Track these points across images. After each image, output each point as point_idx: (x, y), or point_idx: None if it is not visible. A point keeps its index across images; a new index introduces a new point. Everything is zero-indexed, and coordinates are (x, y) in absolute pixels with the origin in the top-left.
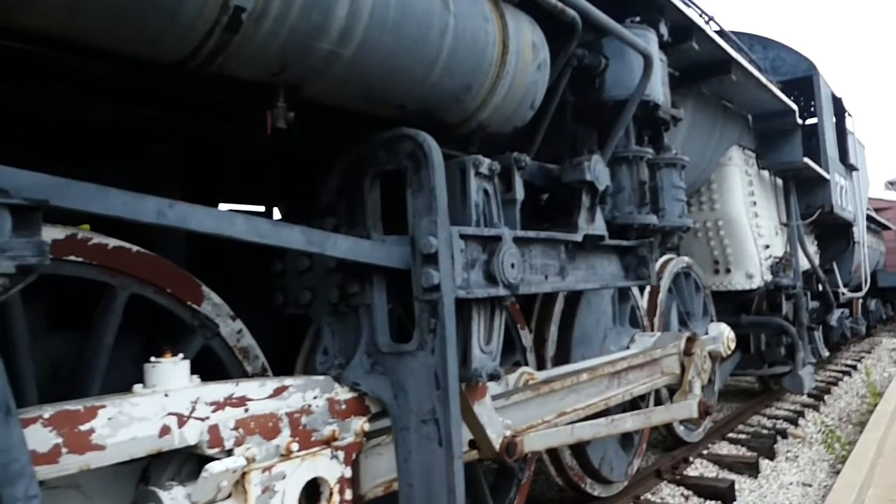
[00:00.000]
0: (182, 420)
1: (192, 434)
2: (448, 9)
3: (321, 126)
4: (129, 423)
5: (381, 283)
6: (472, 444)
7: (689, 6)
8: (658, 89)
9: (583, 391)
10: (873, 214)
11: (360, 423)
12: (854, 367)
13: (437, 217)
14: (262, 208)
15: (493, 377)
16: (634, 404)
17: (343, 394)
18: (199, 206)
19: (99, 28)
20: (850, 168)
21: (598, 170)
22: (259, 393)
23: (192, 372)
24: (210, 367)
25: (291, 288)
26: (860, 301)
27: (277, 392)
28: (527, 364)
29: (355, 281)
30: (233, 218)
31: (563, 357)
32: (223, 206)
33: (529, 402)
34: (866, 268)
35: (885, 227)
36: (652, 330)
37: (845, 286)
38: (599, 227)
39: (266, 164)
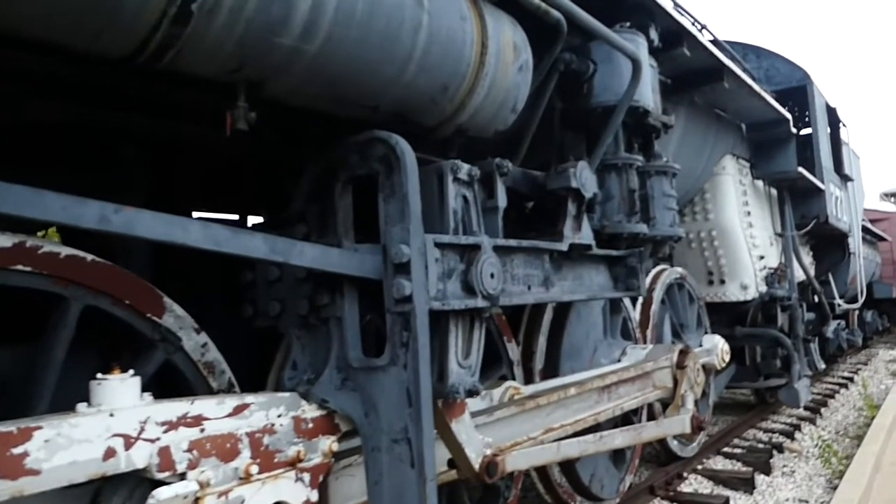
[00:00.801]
0: (129, 442)
1: (140, 457)
2: (421, 5)
3: (292, 129)
4: (69, 445)
5: (352, 294)
6: (451, 464)
7: (681, 13)
8: (648, 95)
9: (571, 406)
10: (869, 225)
11: (328, 443)
12: (851, 380)
13: (410, 224)
14: (236, 217)
15: (472, 393)
16: (627, 419)
17: (310, 412)
18: (148, 211)
19: (35, 17)
20: (845, 178)
21: (584, 177)
22: (217, 411)
23: (155, 389)
24: (173, 383)
25: (261, 299)
26: (856, 312)
27: (237, 410)
28: (514, 378)
29: (325, 292)
30: (186, 224)
31: (551, 370)
32: (198, 215)
33: (514, 417)
34: (862, 279)
35: (881, 239)
36: (644, 342)
37: (841, 297)
38: (586, 235)
39: (241, 170)
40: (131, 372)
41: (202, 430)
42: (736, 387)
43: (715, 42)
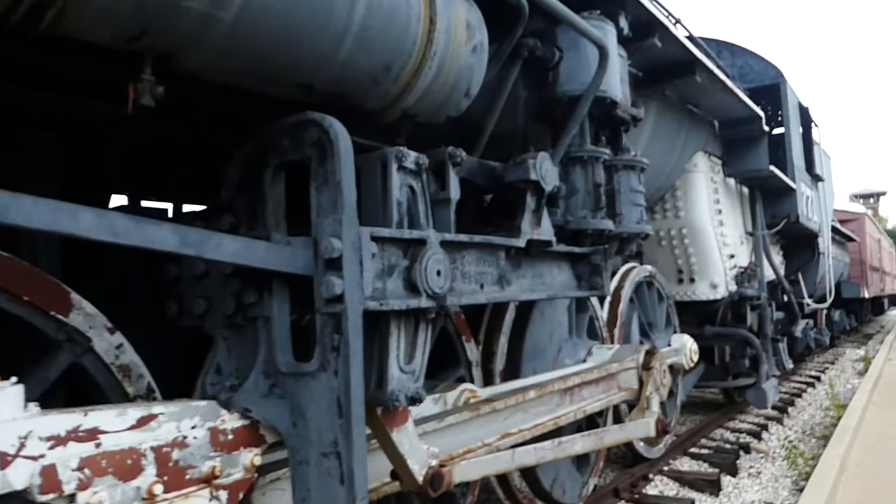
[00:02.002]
0: (5, 460)
1: (18, 477)
2: None
3: (222, 110)
4: None
5: (282, 291)
6: (394, 475)
7: (653, 3)
8: (616, 86)
9: (530, 410)
10: (838, 226)
11: (250, 457)
12: (818, 379)
13: (343, 215)
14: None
15: (415, 400)
16: (592, 421)
17: (231, 422)
18: (27, 196)
19: None
20: (816, 178)
21: (544, 168)
22: (116, 424)
23: (63, 394)
24: (83, 388)
25: (186, 296)
26: (825, 312)
27: (142, 422)
28: (472, 379)
29: (253, 289)
30: (76, 212)
31: (513, 371)
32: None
33: (468, 423)
34: (831, 279)
35: (850, 239)
36: (612, 342)
37: (810, 297)
38: (546, 231)
39: (177, 155)
40: (13, 379)
41: (97, 445)
42: (705, 386)
43: (690, 38)
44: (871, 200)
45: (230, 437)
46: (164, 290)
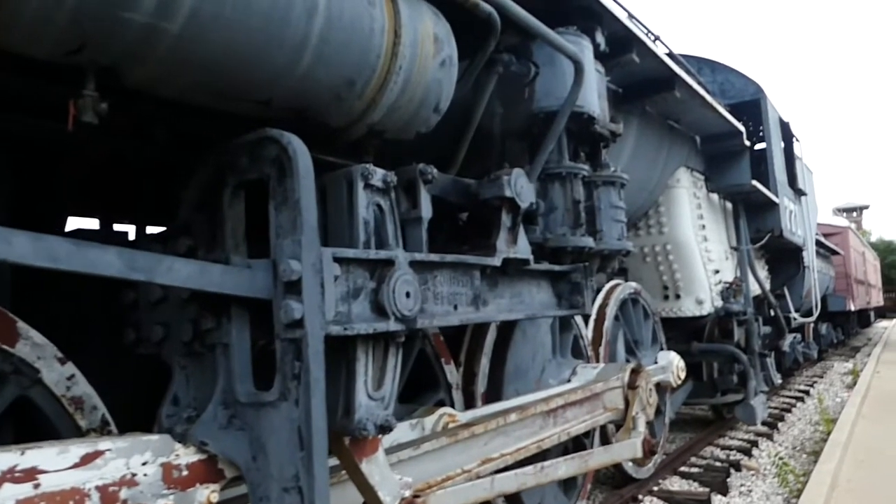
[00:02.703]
0: None
1: None
2: None
3: (182, 128)
4: None
5: (242, 317)
6: None
7: (633, 21)
8: (594, 101)
9: (512, 433)
10: (823, 240)
11: (206, 493)
12: (807, 393)
13: (303, 236)
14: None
15: (384, 429)
16: (579, 443)
17: (186, 456)
18: None
19: None
20: (799, 193)
21: (519, 185)
22: (57, 462)
23: (10, 430)
24: (32, 422)
25: (144, 322)
26: (812, 326)
27: (87, 459)
28: (452, 403)
29: (210, 315)
30: (10, 237)
31: (494, 393)
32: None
33: (446, 449)
34: (817, 292)
35: (835, 252)
36: (597, 361)
37: (796, 311)
38: (523, 249)
39: (138, 176)
40: None
41: (36, 486)
42: (694, 403)
43: (669, 54)
44: (855, 214)
45: (185, 472)
46: (123, 317)
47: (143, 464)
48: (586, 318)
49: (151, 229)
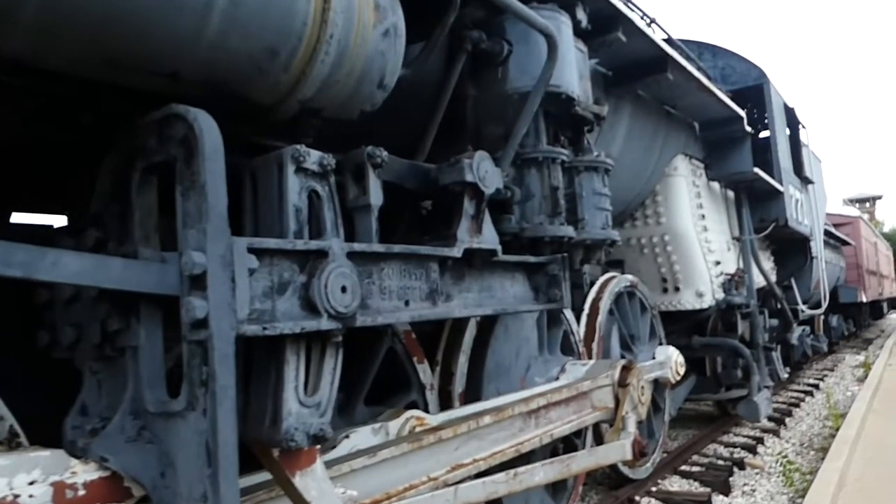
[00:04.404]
0: None
1: None
2: None
3: (86, 107)
4: None
5: (152, 317)
6: None
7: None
8: (573, 81)
9: (487, 437)
10: (832, 230)
11: None
12: (816, 387)
13: (208, 224)
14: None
15: (319, 439)
16: (570, 443)
17: (84, 474)
18: None
19: None
20: (806, 181)
21: (483, 169)
22: None
23: None
24: None
25: (58, 324)
26: (821, 318)
27: None
28: (425, 404)
29: (118, 315)
30: None
31: (474, 393)
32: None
33: (410, 455)
34: (825, 284)
35: (845, 243)
36: (590, 357)
37: (805, 303)
38: (489, 239)
39: (65, 163)
40: None
41: None
42: (697, 398)
43: (668, 41)
44: (867, 204)
45: (81, 492)
46: (37, 318)
47: (31, 483)
48: (579, 314)
49: None
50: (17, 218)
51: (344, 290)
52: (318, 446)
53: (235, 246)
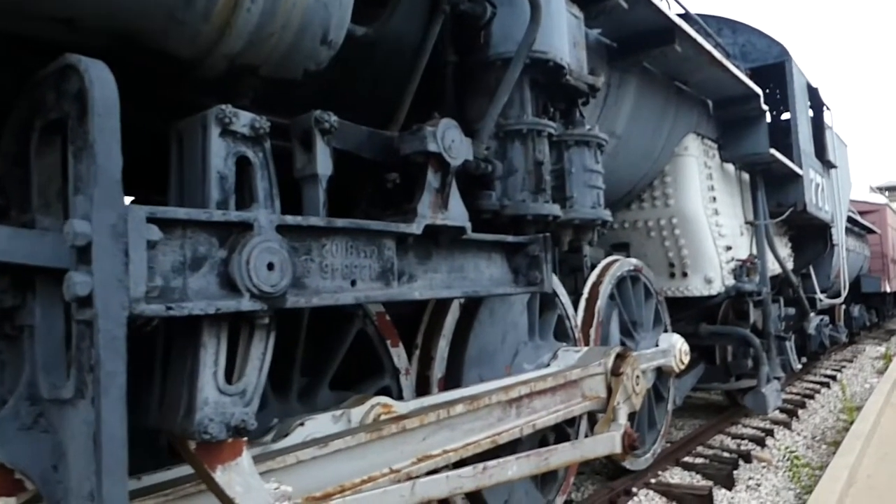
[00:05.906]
0: None
1: None
2: None
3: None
4: None
5: (49, 293)
6: None
7: None
8: (562, 48)
9: (460, 427)
10: (857, 217)
11: None
12: (833, 378)
13: (97, 189)
14: None
15: (241, 430)
16: (563, 432)
17: None
18: None
19: None
20: (828, 165)
21: (449, 138)
22: None
23: None
24: None
25: None
26: (842, 307)
27: None
28: (399, 390)
29: (13, 290)
30: None
31: (454, 380)
32: None
33: (369, 445)
34: (845, 272)
35: (870, 231)
36: (587, 343)
37: (824, 292)
38: (457, 215)
39: None
40: None
41: None
42: (706, 388)
43: (686, 16)
44: None
45: None
46: None
47: None
48: (578, 297)
49: None
50: None
51: (271, 267)
52: (244, 438)
53: (130, 215)
